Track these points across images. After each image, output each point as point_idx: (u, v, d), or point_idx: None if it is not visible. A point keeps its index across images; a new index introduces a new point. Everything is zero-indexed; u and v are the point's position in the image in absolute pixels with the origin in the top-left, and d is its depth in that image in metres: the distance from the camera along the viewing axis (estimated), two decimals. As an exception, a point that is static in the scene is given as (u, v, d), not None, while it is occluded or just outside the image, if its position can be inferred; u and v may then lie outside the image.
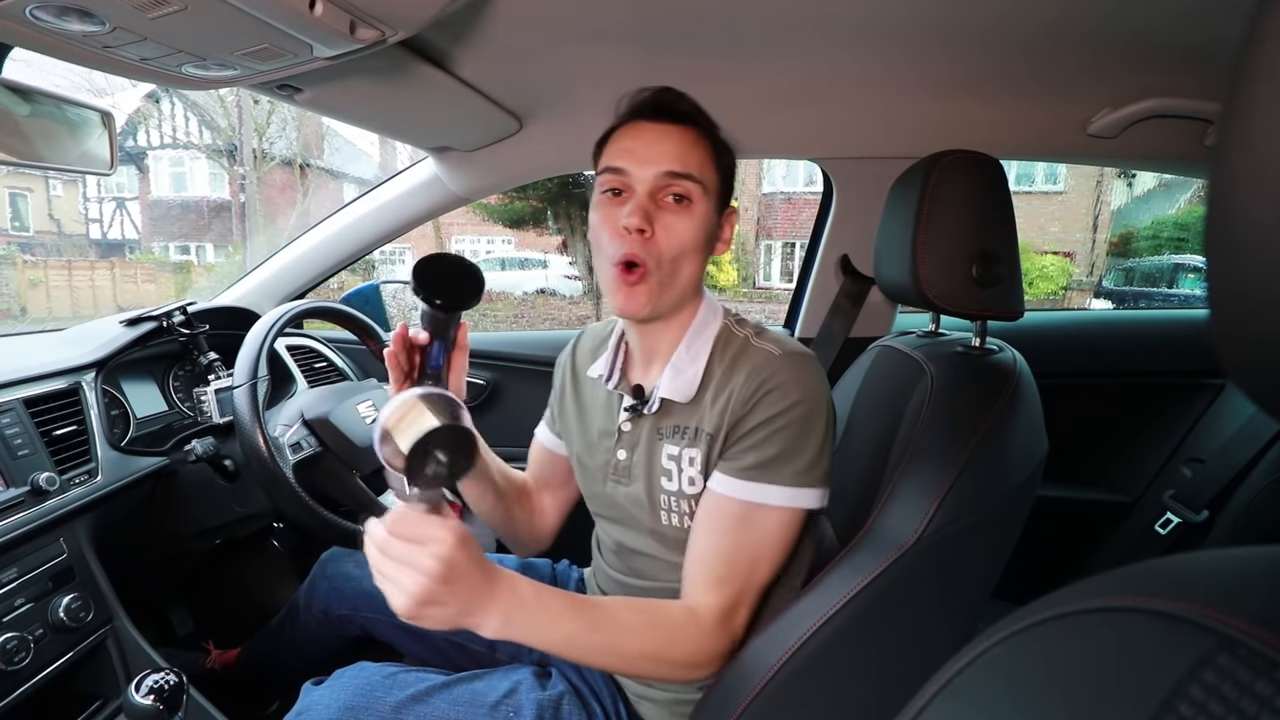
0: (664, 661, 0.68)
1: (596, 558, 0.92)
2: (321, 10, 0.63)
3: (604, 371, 0.84)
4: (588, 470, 0.86)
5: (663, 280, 0.73)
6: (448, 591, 0.56)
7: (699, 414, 0.75)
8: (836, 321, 1.44)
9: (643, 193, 0.72)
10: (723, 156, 0.77)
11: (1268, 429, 1.34)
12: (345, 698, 0.76)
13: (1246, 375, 0.24)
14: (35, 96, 0.85)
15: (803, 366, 0.73)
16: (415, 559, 0.55)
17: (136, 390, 1.19)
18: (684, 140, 0.73)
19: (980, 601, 0.73)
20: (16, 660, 0.79)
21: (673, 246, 0.72)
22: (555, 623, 0.63)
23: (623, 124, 0.76)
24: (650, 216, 0.72)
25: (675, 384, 0.76)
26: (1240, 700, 0.21)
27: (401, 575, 0.55)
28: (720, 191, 0.77)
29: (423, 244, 8.72)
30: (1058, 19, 0.93)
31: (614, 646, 0.66)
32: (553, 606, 0.63)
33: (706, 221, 0.74)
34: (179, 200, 10.25)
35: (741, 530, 0.70)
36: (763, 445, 0.70)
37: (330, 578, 1.07)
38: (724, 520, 0.71)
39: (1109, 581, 0.28)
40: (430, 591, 0.55)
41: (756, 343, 0.76)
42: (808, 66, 1.11)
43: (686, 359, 0.77)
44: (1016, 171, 7.67)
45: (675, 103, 0.74)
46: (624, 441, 0.81)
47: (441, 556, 0.55)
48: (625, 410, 0.80)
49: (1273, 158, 0.21)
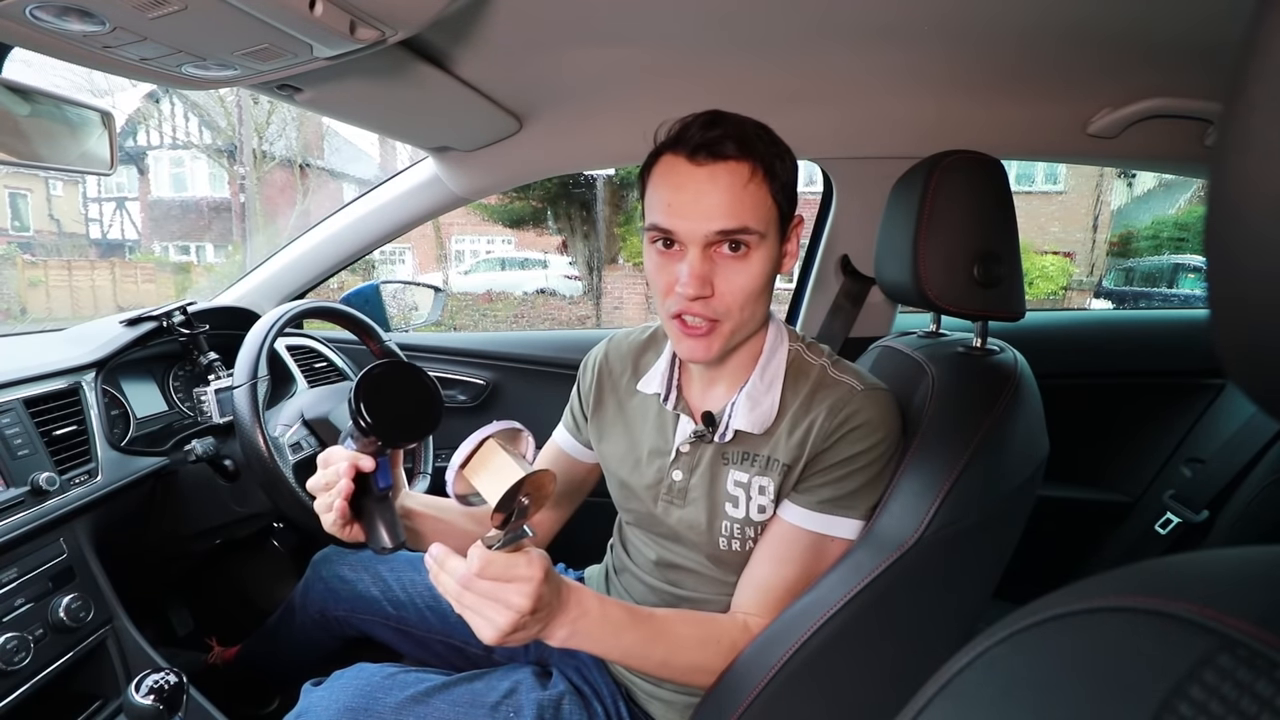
0: (713, 673, 0.70)
1: (624, 559, 0.90)
2: (321, 10, 0.63)
3: (659, 390, 0.80)
4: (631, 487, 0.84)
5: (732, 329, 0.70)
6: (534, 619, 0.59)
7: (772, 443, 0.74)
8: (836, 322, 1.44)
9: (696, 252, 0.67)
10: (780, 174, 0.68)
11: (1268, 429, 1.33)
12: (345, 699, 0.76)
13: (1246, 375, 0.24)
14: (35, 96, 0.85)
15: (885, 404, 0.72)
16: (506, 597, 0.57)
17: (136, 390, 1.18)
18: (734, 185, 0.66)
19: (980, 601, 0.73)
20: (16, 660, 0.79)
21: (736, 298, 0.69)
22: (617, 634, 0.65)
23: (665, 153, 0.69)
24: (707, 277, 0.67)
25: (752, 415, 0.73)
26: (1240, 700, 0.21)
27: (491, 612, 0.57)
28: (781, 217, 0.70)
29: (423, 244, 8.71)
30: (1058, 19, 0.93)
31: (670, 659, 0.69)
32: (615, 618, 0.65)
33: (768, 261, 0.69)
34: (179, 200, 10.23)
35: (808, 559, 0.72)
36: (843, 481, 0.71)
37: (325, 579, 1.07)
38: (793, 550, 0.73)
39: (1109, 581, 0.28)
40: (521, 623, 0.57)
41: (835, 374, 0.74)
42: (808, 66, 1.11)
43: (761, 388, 0.74)
44: (1016, 171, 7.66)
45: (720, 144, 0.65)
46: (681, 463, 0.79)
47: (531, 595, 0.57)
48: (692, 434, 0.78)
49: (1272, 158, 0.21)
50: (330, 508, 0.70)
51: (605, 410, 0.88)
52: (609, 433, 0.88)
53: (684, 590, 0.81)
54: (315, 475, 0.72)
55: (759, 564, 0.75)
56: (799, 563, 0.72)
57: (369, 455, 0.67)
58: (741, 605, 0.75)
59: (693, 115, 0.68)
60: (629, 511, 0.87)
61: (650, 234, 0.70)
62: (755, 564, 0.75)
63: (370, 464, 0.68)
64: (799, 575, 0.72)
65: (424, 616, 1.00)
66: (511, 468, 0.56)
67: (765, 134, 0.69)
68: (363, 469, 0.68)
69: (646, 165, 0.72)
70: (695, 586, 0.80)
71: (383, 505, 0.70)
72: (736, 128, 0.67)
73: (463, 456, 0.57)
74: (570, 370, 1.02)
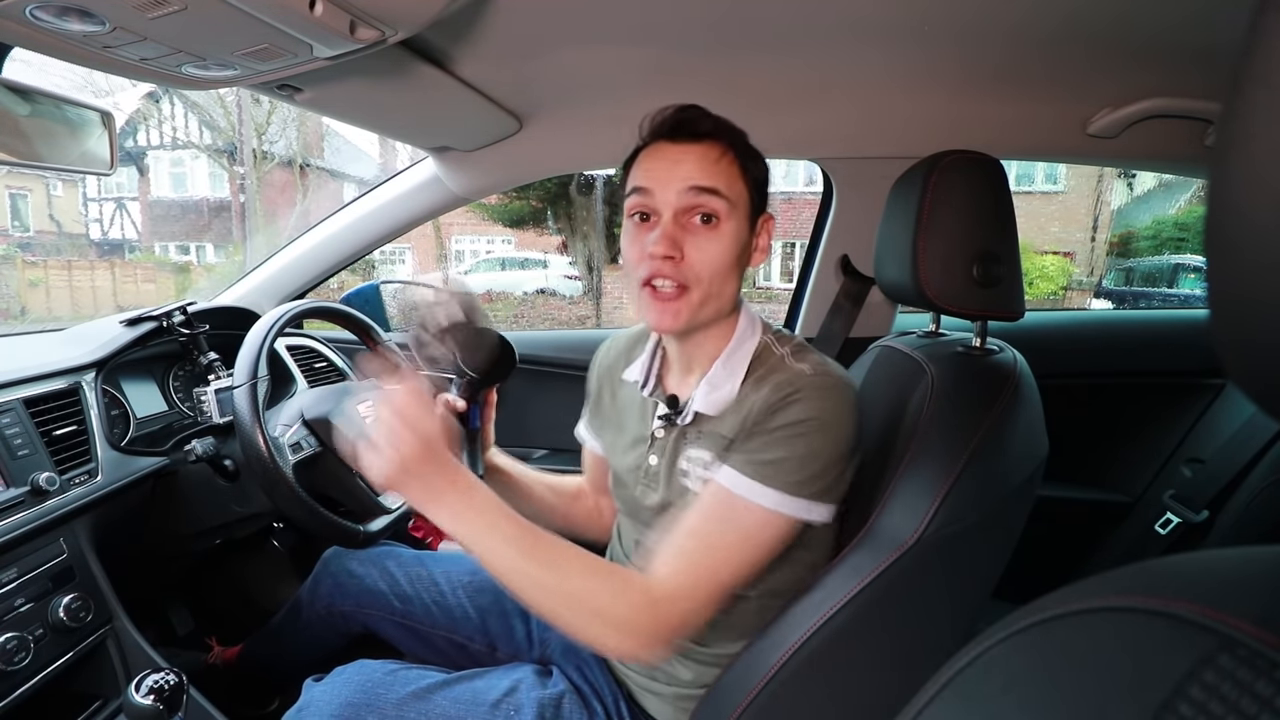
0: (597, 614, 0.65)
1: (615, 546, 0.93)
2: (321, 10, 0.63)
3: (639, 377, 0.84)
4: (619, 473, 0.87)
5: (700, 298, 0.72)
6: (419, 471, 0.64)
7: (723, 421, 0.75)
8: (836, 321, 1.44)
9: (669, 217, 0.71)
10: (751, 168, 0.74)
11: (1268, 429, 1.33)
12: (347, 694, 0.76)
13: (1246, 375, 0.24)
14: (35, 96, 0.85)
15: (831, 390, 0.70)
16: (399, 436, 0.63)
17: (136, 390, 1.18)
18: (707, 156, 0.71)
19: (980, 602, 0.73)
20: (16, 660, 0.79)
21: (706, 266, 0.72)
22: (493, 528, 0.66)
23: (646, 145, 0.75)
24: (678, 240, 0.71)
25: (709, 399, 0.75)
26: (1240, 700, 0.21)
27: (386, 444, 0.64)
28: (751, 204, 0.75)
29: (423, 244, 8.71)
30: (1058, 19, 0.93)
31: (551, 580, 0.65)
32: (500, 525, 0.66)
33: (738, 237, 0.73)
34: (179, 200, 10.24)
35: (718, 519, 0.69)
36: (768, 448, 0.69)
37: (334, 574, 1.08)
38: (706, 505, 0.70)
39: (1109, 581, 0.28)
40: (405, 462, 0.63)
41: (792, 361, 0.74)
42: (808, 66, 1.11)
43: (723, 374, 0.76)
44: (1016, 171, 7.66)
45: (696, 122, 0.72)
46: (655, 448, 0.81)
47: (415, 446, 0.63)
48: (659, 418, 0.81)
49: (1272, 159, 0.21)
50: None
51: (603, 403, 0.93)
52: (606, 424, 0.92)
53: None
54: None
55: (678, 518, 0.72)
56: (708, 519, 0.69)
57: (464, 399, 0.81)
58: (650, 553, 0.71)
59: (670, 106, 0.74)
60: (620, 500, 0.89)
61: (629, 203, 0.75)
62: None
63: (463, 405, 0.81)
64: (704, 532, 0.69)
65: (429, 611, 1.01)
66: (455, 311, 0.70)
67: (741, 135, 0.75)
68: (457, 408, 0.81)
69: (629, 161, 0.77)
70: None
71: (471, 443, 0.86)
72: (713, 120, 0.73)
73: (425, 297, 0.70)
74: (570, 370, 1.03)
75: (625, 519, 0.90)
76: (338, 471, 1.14)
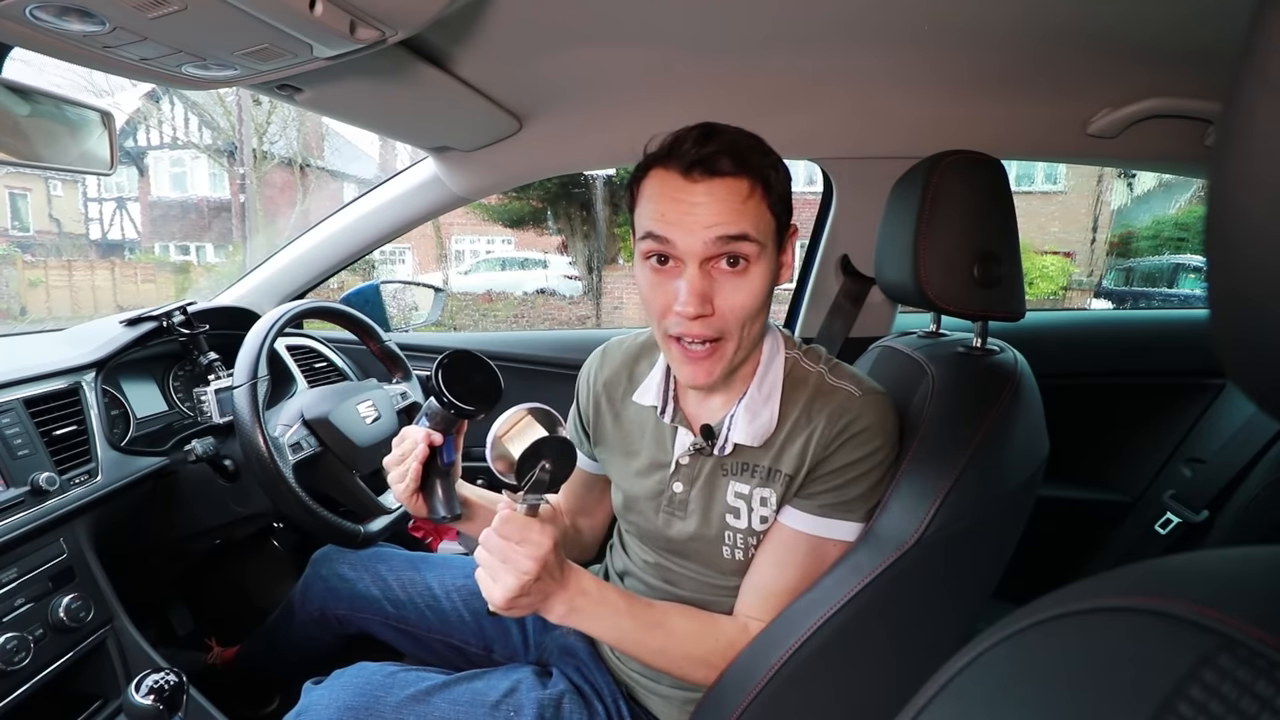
0: (704, 662, 0.72)
1: (622, 557, 0.91)
2: (321, 10, 0.63)
3: (656, 402, 0.79)
4: (633, 499, 0.83)
5: (734, 347, 0.69)
6: (537, 587, 0.64)
7: (772, 453, 0.73)
8: (836, 322, 1.44)
9: (694, 268, 0.65)
10: (776, 185, 0.67)
11: (1267, 429, 1.33)
12: (346, 698, 0.76)
13: (1246, 375, 0.24)
14: (35, 96, 0.85)
15: (883, 408, 0.73)
16: (515, 559, 0.63)
17: (136, 390, 1.18)
18: (733, 197, 0.64)
19: (980, 602, 0.73)
20: (16, 660, 0.79)
21: (738, 315, 0.67)
22: (614, 617, 0.69)
23: (656, 167, 0.67)
24: (707, 294, 0.65)
25: (751, 428, 0.73)
26: (1240, 700, 0.21)
27: (501, 571, 0.63)
28: (779, 228, 0.69)
29: (423, 244, 8.71)
30: (1058, 19, 0.93)
31: (666, 648, 0.71)
32: (612, 602, 0.69)
33: (768, 275, 0.68)
34: (179, 200, 10.23)
35: (809, 563, 0.73)
36: (844, 487, 0.71)
37: (325, 578, 1.07)
38: (794, 554, 0.73)
39: (1109, 581, 0.28)
40: (524, 587, 0.62)
41: (833, 381, 0.74)
42: (808, 66, 1.11)
43: (760, 399, 0.73)
44: (1016, 171, 7.66)
45: (715, 161, 0.63)
46: (681, 475, 0.78)
47: (539, 559, 0.63)
48: (692, 447, 0.77)
49: (1272, 159, 0.21)
50: (404, 476, 0.75)
51: (604, 422, 0.88)
52: (608, 444, 0.88)
53: (683, 591, 0.81)
54: (393, 451, 0.78)
55: (760, 569, 0.75)
56: (800, 566, 0.72)
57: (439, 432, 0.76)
58: (743, 609, 0.75)
59: (685, 129, 0.66)
60: (630, 523, 0.87)
61: (644, 247, 0.68)
62: (757, 569, 0.75)
63: (440, 439, 0.76)
64: (799, 578, 0.72)
65: (424, 616, 1.00)
66: (536, 429, 0.64)
67: (758, 145, 0.67)
68: (434, 443, 0.76)
69: (636, 177, 0.70)
70: (694, 588, 0.81)
71: (445, 479, 0.79)
72: (730, 142, 0.64)
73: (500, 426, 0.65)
74: (570, 370, 1.02)
75: (636, 541, 0.87)
76: (337, 472, 1.14)
